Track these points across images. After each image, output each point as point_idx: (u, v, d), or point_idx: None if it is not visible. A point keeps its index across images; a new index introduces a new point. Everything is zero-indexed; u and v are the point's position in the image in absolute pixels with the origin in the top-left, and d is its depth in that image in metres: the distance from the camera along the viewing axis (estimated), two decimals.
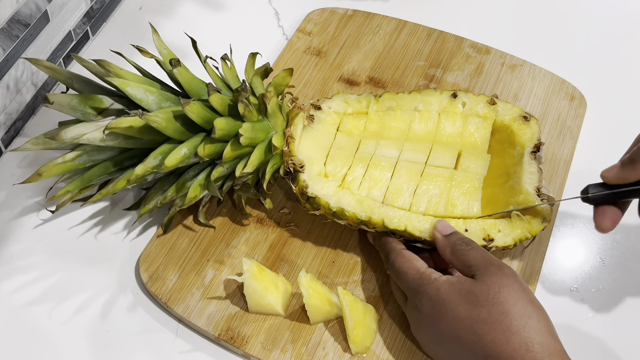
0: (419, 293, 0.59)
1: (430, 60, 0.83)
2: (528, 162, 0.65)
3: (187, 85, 0.65)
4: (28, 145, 0.65)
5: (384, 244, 0.64)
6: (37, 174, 0.64)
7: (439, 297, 0.57)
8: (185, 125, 0.63)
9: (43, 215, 0.71)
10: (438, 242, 0.62)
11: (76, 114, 0.65)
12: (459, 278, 0.58)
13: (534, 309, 0.55)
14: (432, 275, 0.59)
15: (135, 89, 0.63)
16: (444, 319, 0.57)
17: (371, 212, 0.63)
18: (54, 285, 0.67)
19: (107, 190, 0.65)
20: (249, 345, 0.62)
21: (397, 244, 0.63)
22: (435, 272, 0.59)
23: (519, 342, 0.53)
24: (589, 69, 0.85)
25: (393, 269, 0.62)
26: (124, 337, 0.64)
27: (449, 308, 0.56)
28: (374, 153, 0.67)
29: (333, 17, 0.87)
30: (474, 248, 0.60)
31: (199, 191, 0.64)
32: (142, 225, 0.71)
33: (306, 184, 0.64)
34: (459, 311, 0.56)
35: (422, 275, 0.59)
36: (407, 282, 0.60)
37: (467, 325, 0.55)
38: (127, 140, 0.63)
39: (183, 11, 0.89)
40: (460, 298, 0.56)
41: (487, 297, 0.55)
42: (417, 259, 0.61)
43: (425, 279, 0.59)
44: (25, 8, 0.72)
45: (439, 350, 0.59)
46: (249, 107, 0.63)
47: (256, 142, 0.64)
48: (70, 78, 0.67)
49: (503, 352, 0.53)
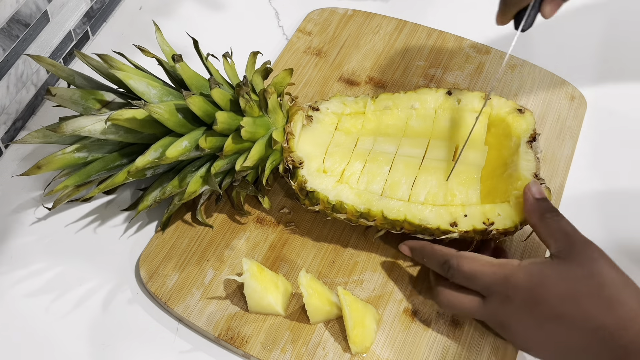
0: (508, 284, 0.57)
1: (430, 60, 0.83)
2: (524, 150, 0.66)
3: (189, 80, 0.65)
4: (29, 137, 0.65)
5: (432, 252, 0.62)
6: (36, 167, 0.64)
7: (533, 280, 0.56)
8: (187, 118, 0.64)
9: (41, 213, 0.71)
10: (528, 203, 0.61)
11: (78, 108, 0.65)
12: (543, 259, 0.58)
13: (626, 277, 0.56)
14: (513, 263, 0.58)
15: (138, 82, 0.63)
16: (544, 301, 0.56)
17: (370, 204, 0.64)
18: (54, 284, 0.67)
19: (107, 184, 0.65)
20: (249, 345, 0.62)
21: (447, 249, 0.61)
22: (510, 259, 0.59)
23: (623, 310, 0.53)
24: (589, 69, 0.85)
25: (461, 273, 0.59)
26: (124, 337, 0.64)
27: (547, 289, 0.56)
28: (372, 149, 0.68)
29: (333, 17, 0.87)
30: (564, 219, 0.59)
31: (199, 185, 0.65)
32: (141, 225, 0.71)
33: (305, 179, 0.65)
34: (558, 289, 0.55)
35: (503, 267, 0.58)
36: (486, 279, 0.58)
37: (569, 302, 0.55)
38: (128, 134, 0.64)
39: (183, 11, 0.89)
40: (556, 276, 0.56)
41: (582, 271, 0.55)
42: (480, 255, 0.60)
43: (509, 268, 0.58)
44: (25, 8, 0.72)
45: (539, 336, 0.56)
46: (250, 102, 0.63)
47: (256, 137, 0.65)
48: (72, 75, 0.67)
49: (610, 322, 0.53)
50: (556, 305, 0.55)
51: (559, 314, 0.55)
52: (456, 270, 0.60)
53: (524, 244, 0.69)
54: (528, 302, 0.56)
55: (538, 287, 0.56)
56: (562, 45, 0.87)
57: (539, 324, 0.56)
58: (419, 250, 0.64)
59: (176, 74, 0.66)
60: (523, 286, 0.57)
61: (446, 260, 0.60)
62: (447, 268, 0.60)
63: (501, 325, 0.59)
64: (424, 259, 0.63)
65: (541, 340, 0.57)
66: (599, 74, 0.85)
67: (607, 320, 0.53)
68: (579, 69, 0.84)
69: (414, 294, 0.66)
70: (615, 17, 0.90)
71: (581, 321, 0.54)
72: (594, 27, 0.89)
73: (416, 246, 0.64)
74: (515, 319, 0.58)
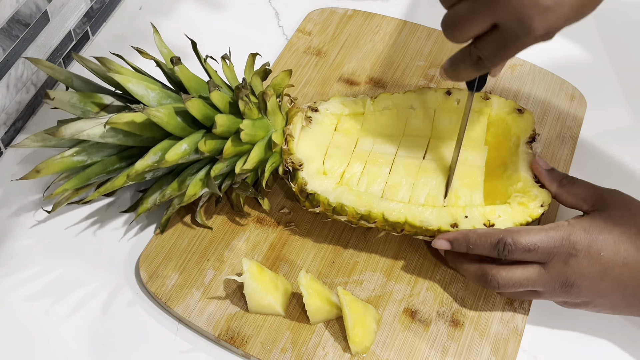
0: (568, 242, 0.59)
1: (430, 60, 0.83)
2: (524, 151, 0.66)
3: (188, 83, 0.65)
4: (27, 141, 0.65)
5: (480, 237, 0.61)
6: (35, 171, 0.64)
7: (591, 232, 0.59)
8: (186, 121, 0.63)
9: (41, 216, 0.71)
10: (543, 176, 0.64)
11: (76, 112, 0.65)
12: (585, 216, 0.61)
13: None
14: (563, 224, 0.60)
15: (137, 85, 0.63)
16: (605, 248, 0.58)
17: (370, 206, 0.64)
18: (54, 286, 0.67)
19: (106, 188, 0.65)
20: (249, 345, 0.62)
21: (492, 230, 0.61)
22: (556, 222, 0.61)
23: None
24: (589, 69, 0.85)
25: (520, 248, 0.59)
26: (124, 337, 0.64)
27: (605, 236, 0.59)
28: (372, 150, 0.68)
29: (333, 17, 0.87)
30: (578, 180, 0.63)
31: (199, 188, 0.65)
32: (141, 226, 0.71)
33: (305, 181, 0.65)
34: (613, 235, 0.59)
35: (557, 229, 0.60)
36: (547, 244, 0.59)
37: (626, 243, 0.58)
38: (127, 137, 0.64)
39: (183, 11, 0.89)
40: (606, 224, 0.59)
41: (623, 213, 0.59)
42: (528, 226, 0.61)
43: (563, 228, 0.60)
44: (25, 8, 0.72)
45: (605, 284, 0.59)
46: (249, 104, 0.63)
47: (256, 139, 0.65)
48: (70, 77, 0.67)
49: None
50: (616, 250, 0.58)
51: (621, 257, 0.58)
52: (514, 246, 0.59)
53: None
54: (591, 254, 0.59)
55: (597, 237, 0.59)
56: (562, 45, 0.87)
57: (604, 272, 0.59)
58: (463, 240, 0.61)
59: (175, 76, 0.66)
60: (583, 241, 0.59)
61: (499, 240, 0.60)
62: (502, 247, 0.59)
63: (565, 286, 0.60)
64: (470, 247, 0.61)
65: (607, 288, 0.59)
66: (599, 74, 0.85)
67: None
68: (579, 69, 0.84)
69: (414, 294, 0.66)
70: (615, 17, 0.90)
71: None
72: (593, 27, 0.89)
73: (458, 237, 0.62)
74: (580, 274, 0.59)
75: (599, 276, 0.59)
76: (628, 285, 0.59)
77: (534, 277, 0.60)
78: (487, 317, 0.64)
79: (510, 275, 0.60)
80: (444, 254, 0.66)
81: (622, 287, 0.59)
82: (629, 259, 0.58)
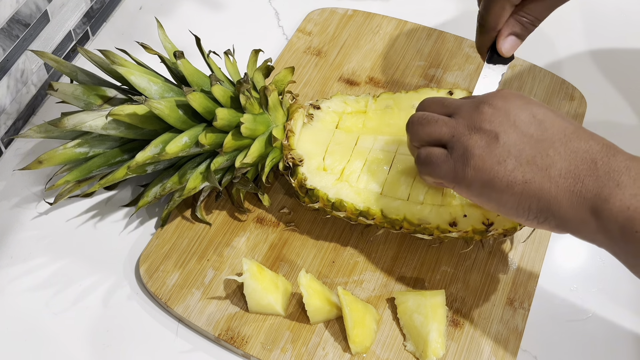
0: (478, 107, 0.56)
1: (430, 60, 0.83)
2: None
3: (190, 77, 0.65)
4: (31, 132, 0.65)
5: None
6: (37, 162, 0.65)
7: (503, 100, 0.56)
8: (187, 114, 0.64)
9: (42, 208, 0.71)
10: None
11: (79, 104, 0.65)
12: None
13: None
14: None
15: (140, 78, 0.64)
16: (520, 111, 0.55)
17: (369, 202, 0.64)
18: (54, 280, 0.67)
19: (107, 180, 0.65)
20: (249, 345, 0.62)
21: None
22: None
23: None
24: (589, 69, 0.85)
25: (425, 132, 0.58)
26: (124, 337, 0.64)
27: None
28: (372, 147, 0.68)
29: (333, 17, 0.87)
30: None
31: (199, 182, 0.65)
32: (142, 222, 0.71)
33: (305, 177, 0.65)
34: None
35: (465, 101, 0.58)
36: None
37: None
38: (129, 129, 0.64)
39: (183, 11, 0.89)
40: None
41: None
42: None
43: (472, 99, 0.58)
44: (25, 8, 0.72)
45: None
46: (250, 99, 0.63)
47: (257, 134, 0.65)
48: (75, 71, 0.67)
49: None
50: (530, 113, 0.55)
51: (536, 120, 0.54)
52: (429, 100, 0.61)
53: (524, 244, 0.69)
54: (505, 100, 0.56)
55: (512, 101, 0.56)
56: (562, 45, 0.87)
57: (516, 111, 0.55)
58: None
59: (178, 70, 0.67)
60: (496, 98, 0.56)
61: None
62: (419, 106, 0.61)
63: (476, 108, 0.56)
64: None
65: (520, 120, 0.54)
66: (599, 74, 0.85)
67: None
68: (579, 69, 0.84)
69: None
70: (615, 17, 0.90)
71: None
72: (594, 27, 0.89)
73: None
74: (493, 104, 0.56)
75: (512, 110, 0.55)
76: (543, 130, 0.54)
77: (444, 119, 0.58)
78: (487, 317, 0.65)
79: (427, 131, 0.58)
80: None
81: (535, 128, 0.54)
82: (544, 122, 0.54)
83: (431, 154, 0.57)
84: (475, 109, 0.56)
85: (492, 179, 0.54)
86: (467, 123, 0.56)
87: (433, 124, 0.58)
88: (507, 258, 0.68)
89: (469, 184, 0.55)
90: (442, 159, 0.56)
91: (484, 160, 0.54)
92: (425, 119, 0.59)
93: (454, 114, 0.57)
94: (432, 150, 0.57)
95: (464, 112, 0.57)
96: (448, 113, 0.58)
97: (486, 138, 0.54)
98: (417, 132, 0.59)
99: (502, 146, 0.54)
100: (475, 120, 0.55)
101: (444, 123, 0.57)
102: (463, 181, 0.55)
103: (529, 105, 0.55)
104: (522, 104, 0.55)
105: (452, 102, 0.59)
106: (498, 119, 0.55)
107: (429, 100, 0.61)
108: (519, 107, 0.55)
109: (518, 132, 0.54)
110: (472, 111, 0.56)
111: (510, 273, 0.67)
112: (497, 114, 0.55)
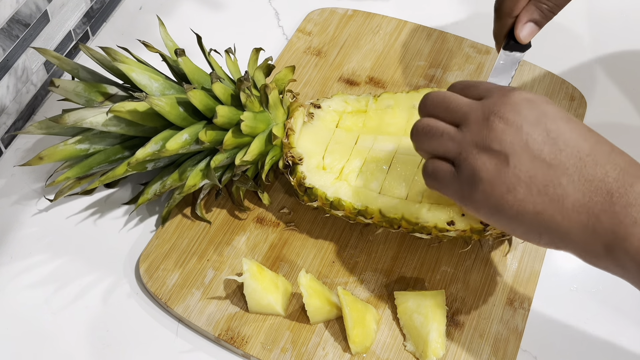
0: (488, 120, 0.53)
1: (430, 60, 0.83)
2: None
3: (191, 75, 0.66)
4: (32, 128, 0.65)
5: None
6: (38, 157, 0.65)
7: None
8: (188, 112, 0.64)
9: (43, 205, 0.71)
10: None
11: (80, 100, 0.66)
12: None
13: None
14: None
15: (141, 75, 0.64)
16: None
17: (368, 201, 0.64)
18: (55, 277, 0.67)
19: (107, 177, 0.65)
20: (249, 345, 0.62)
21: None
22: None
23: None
24: (589, 69, 0.85)
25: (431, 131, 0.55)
26: (124, 337, 0.64)
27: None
28: (372, 147, 0.68)
29: (333, 17, 0.87)
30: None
31: (199, 179, 0.65)
32: (142, 219, 0.71)
33: (304, 175, 0.65)
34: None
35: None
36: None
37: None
38: (129, 126, 0.64)
39: (183, 11, 0.89)
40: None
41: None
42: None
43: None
44: (25, 8, 0.72)
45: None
46: (250, 97, 0.64)
47: (257, 132, 0.65)
48: (77, 68, 0.67)
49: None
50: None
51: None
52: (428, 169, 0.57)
53: (524, 244, 0.69)
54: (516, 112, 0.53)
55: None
56: (562, 45, 0.87)
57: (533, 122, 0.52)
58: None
59: (179, 68, 0.67)
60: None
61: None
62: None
63: (488, 119, 0.53)
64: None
65: (533, 133, 0.51)
66: (599, 74, 0.85)
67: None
68: (579, 69, 0.84)
69: None
70: (615, 17, 0.90)
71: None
72: (594, 28, 0.89)
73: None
74: (504, 114, 0.52)
75: (524, 126, 0.52)
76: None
77: (452, 130, 0.55)
78: (487, 317, 0.65)
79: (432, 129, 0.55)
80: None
81: (548, 149, 0.51)
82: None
83: (438, 170, 0.55)
84: (485, 122, 0.52)
85: (501, 205, 0.51)
86: (475, 140, 0.52)
87: (438, 137, 0.55)
88: (507, 258, 0.68)
89: (477, 207, 0.53)
90: (449, 179, 0.54)
91: (492, 186, 0.51)
92: (430, 131, 0.55)
93: (461, 124, 0.54)
94: (439, 166, 0.55)
95: (472, 123, 0.53)
96: (454, 121, 0.55)
97: (495, 160, 0.51)
98: (422, 144, 0.56)
99: (512, 171, 0.51)
100: (484, 137, 0.52)
101: (449, 138, 0.54)
102: (471, 204, 0.53)
103: (543, 119, 0.51)
104: (535, 116, 0.51)
105: (457, 106, 0.55)
106: (509, 137, 0.51)
107: (432, 101, 0.57)
108: (532, 123, 0.51)
109: (529, 155, 0.51)
110: (481, 125, 0.52)
111: (510, 273, 0.67)
112: (508, 131, 0.51)
